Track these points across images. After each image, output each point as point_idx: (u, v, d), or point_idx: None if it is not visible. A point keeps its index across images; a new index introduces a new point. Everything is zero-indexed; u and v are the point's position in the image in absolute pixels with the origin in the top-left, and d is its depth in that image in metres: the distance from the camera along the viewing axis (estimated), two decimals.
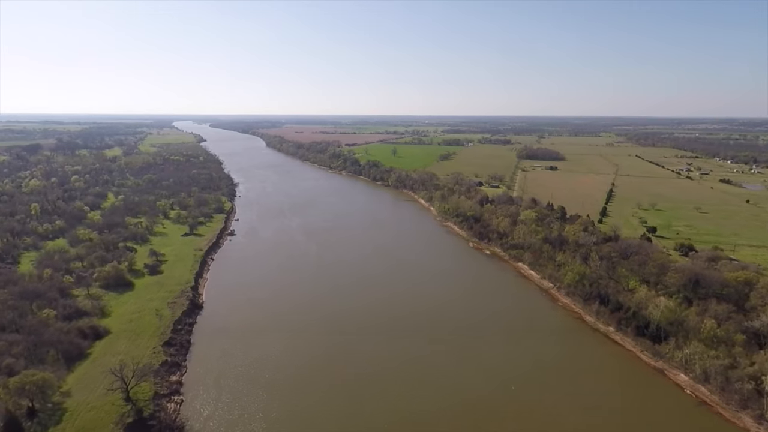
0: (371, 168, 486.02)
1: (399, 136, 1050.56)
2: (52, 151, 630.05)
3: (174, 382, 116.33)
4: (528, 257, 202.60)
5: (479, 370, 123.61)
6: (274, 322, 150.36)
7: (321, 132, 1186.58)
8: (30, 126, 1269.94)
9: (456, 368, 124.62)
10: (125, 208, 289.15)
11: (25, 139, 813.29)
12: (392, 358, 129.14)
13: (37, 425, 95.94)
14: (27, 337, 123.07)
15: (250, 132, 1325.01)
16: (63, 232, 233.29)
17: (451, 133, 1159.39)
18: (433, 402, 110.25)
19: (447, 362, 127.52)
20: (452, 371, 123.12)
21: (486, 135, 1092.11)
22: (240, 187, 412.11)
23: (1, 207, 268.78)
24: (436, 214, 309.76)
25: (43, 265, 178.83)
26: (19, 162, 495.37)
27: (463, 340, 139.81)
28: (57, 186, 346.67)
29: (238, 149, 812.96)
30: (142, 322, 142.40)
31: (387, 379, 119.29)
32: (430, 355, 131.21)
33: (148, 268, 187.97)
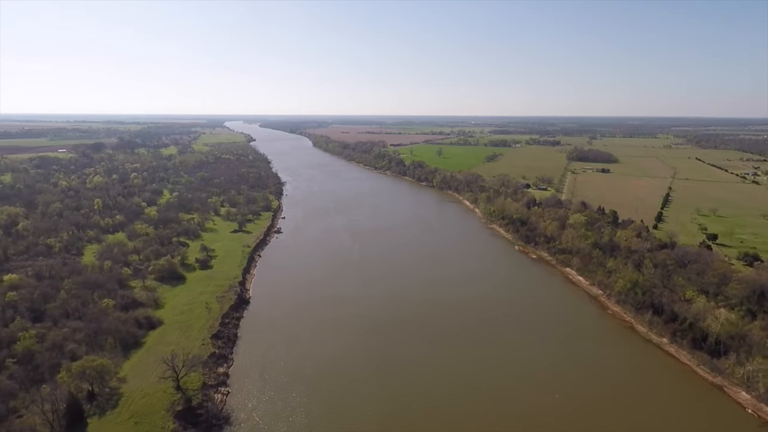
0: (416, 168, 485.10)
1: (444, 137, 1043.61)
2: (114, 149, 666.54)
3: (221, 374, 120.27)
4: (576, 262, 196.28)
5: (523, 376, 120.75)
6: (317, 320, 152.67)
7: (366, 132, 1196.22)
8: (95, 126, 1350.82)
9: (499, 373, 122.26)
10: (179, 204, 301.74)
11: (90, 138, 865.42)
12: (435, 360, 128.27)
13: (95, 408, 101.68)
14: (88, 324, 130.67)
15: (298, 132, 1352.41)
16: (122, 227, 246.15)
17: (497, 134, 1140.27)
18: (474, 406, 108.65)
19: (490, 366, 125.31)
20: (495, 375, 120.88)
21: (534, 136, 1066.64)
22: (287, 185, 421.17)
23: (68, 202, 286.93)
24: (480, 216, 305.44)
25: (104, 257, 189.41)
26: (84, 159, 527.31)
27: (507, 345, 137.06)
28: (118, 182, 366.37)
29: (286, 149, 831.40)
30: (192, 315, 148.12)
31: (429, 381, 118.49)
32: (473, 358, 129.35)
33: (199, 263, 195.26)
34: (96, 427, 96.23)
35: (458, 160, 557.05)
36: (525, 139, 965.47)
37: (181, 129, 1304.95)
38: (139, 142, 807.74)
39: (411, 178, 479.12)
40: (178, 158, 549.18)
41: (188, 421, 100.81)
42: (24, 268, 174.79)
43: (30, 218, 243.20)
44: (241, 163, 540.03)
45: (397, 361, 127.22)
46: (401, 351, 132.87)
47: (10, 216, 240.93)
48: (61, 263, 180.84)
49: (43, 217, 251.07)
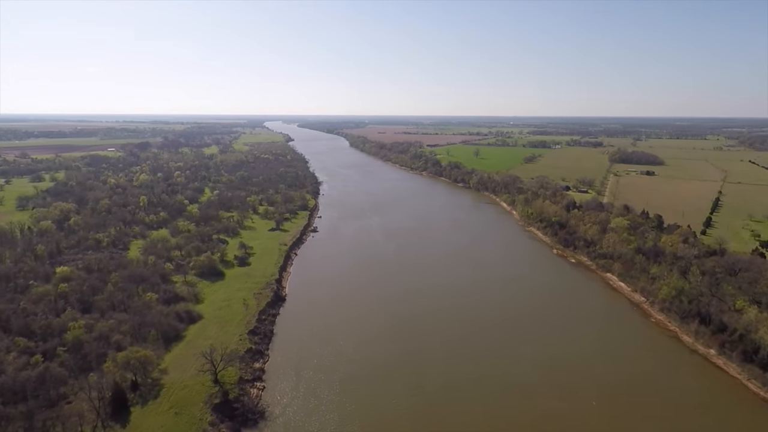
0: (452, 169, 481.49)
1: (482, 138, 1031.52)
2: (159, 148, 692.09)
3: (257, 369, 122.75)
4: (618, 268, 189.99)
5: (558, 382, 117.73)
6: (351, 319, 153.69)
7: (403, 132, 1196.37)
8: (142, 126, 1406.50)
9: (536, 379, 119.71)
10: (219, 202, 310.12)
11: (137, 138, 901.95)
12: (470, 362, 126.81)
13: (138, 397, 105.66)
14: (133, 317, 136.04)
15: (335, 132, 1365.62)
16: (165, 223, 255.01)
17: (536, 135, 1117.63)
18: (507, 409, 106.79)
19: (524, 369, 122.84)
20: (529, 378, 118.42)
21: (575, 137, 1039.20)
22: (324, 185, 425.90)
23: (116, 198, 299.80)
24: (518, 219, 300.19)
25: (148, 252, 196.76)
26: (131, 158, 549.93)
27: (543, 350, 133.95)
28: (162, 180, 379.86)
29: (323, 149, 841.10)
30: (230, 310, 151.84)
31: (463, 383, 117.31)
32: (508, 361, 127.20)
33: (237, 260, 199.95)
34: (139, 416, 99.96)
35: (496, 161, 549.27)
36: (565, 140, 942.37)
37: (222, 129, 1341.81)
38: (183, 141, 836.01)
39: (447, 179, 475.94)
40: (219, 157, 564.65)
41: (225, 414, 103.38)
42: (75, 261, 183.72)
43: (81, 214, 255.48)
44: (279, 162, 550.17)
45: (430, 362, 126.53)
46: (435, 352, 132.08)
47: (63, 211, 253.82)
48: (108, 257, 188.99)
49: (93, 212, 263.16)
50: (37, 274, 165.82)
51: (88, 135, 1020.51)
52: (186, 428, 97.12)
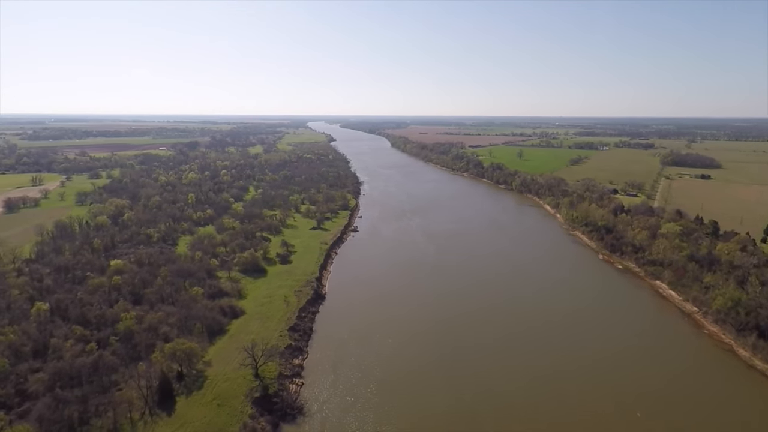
0: (494, 170, 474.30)
1: (526, 139, 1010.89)
2: (207, 147, 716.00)
3: (296, 366, 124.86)
4: (668, 276, 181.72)
5: (601, 390, 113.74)
6: (389, 319, 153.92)
7: (445, 133, 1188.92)
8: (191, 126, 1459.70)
9: (577, 386, 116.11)
10: (263, 201, 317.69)
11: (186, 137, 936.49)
12: (508, 366, 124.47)
13: (183, 387, 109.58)
14: (180, 310, 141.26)
15: (377, 132, 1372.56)
16: (212, 220, 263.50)
17: (583, 136, 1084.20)
18: (547, 416, 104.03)
19: (565, 376, 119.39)
20: (572, 388, 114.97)
21: (624, 138, 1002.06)
22: (364, 185, 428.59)
23: (166, 195, 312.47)
24: (562, 222, 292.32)
25: (195, 248, 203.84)
26: (181, 157, 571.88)
27: (588, 358, 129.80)
28: (209, 179, 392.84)
29: (365, 149, 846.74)
30: (271, 307, 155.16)
31: (501, 387, 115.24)
32: (549, 370, 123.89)
33: (279, 257, 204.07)
34: (183, 406, 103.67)
35: (540, 163, 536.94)
36: (614, 141, 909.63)
37: (267, 129, 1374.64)
38: (229, 141, 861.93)
39: (489, 180, 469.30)
40: (263, 157, 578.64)
41: (265, 408, 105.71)
42: (127, 254, 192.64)
43: (134, 210, 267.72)
44: (321, 162, 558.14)
45: (468, 364, 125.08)
46: (473, 354, 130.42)
47: (118, 207, 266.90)
48: (158, 252, 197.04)
49: (145, 209, 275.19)
50: (93, 267, 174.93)
51: (141, 134, 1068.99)
52: (227, 420, 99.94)
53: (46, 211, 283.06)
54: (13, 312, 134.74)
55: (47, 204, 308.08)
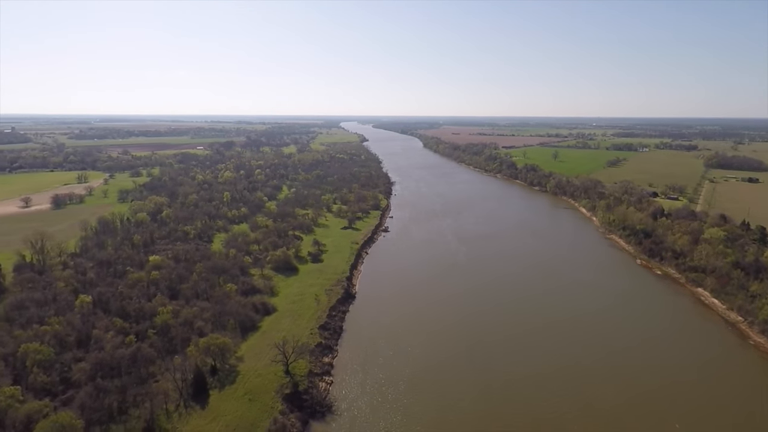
0: (528, 172, 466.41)
1: (561, 139, 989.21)
2: (242, 147, 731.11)
3: (326, 364, 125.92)
4: (711, 283, 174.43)
5: (637, 401, 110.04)
6: (419, 320, 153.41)
7: (478, 133, 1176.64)
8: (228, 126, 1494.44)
9: (612, 395, 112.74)
10: (296, 200, 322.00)
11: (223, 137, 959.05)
12: (538, 374, 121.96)
13: (216, 381, 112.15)
14: (214, 305, 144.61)
15: (409, 132, 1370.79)
16: (246, 218, 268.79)
17: (622, 137, 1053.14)
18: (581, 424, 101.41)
19: (600, 391, 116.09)
20: (606, 396, 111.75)
21: (665, 139, 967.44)
22: (396, 186, 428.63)
23: (202, 194, 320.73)
24: (598, 225, 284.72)
25: (230, 245, 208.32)
26: (217, 156, 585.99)
27: (624, 366, 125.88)
28: (244, 178, 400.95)
29: (397, 149, 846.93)
30: (303, 305, 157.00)
31: (531, 396, 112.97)
32: (581, 380, 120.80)
33: (311, 256, 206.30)
34: (216, 399, 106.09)
35: (575, 165, 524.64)
36: (654, 142, 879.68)
37: (300, 129, 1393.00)
38: (264, 141, 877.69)
39: (522, 181, 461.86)
40: (296, 156, 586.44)
41: (294, 404, 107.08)
42: (165, 250, 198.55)
43: (172, 207, 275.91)
44: (353, 162, 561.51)
45: (497, 367, 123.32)
46: (501, 360, 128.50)
47: (157, 204, 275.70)
48: (194, 248, 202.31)
49: (182, 206, 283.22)
50: (133, 261, 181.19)
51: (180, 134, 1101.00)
52: (258, 415, 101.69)
53: (90, 207, 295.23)
54: (58, 303, 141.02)
55: (91, 201, 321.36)
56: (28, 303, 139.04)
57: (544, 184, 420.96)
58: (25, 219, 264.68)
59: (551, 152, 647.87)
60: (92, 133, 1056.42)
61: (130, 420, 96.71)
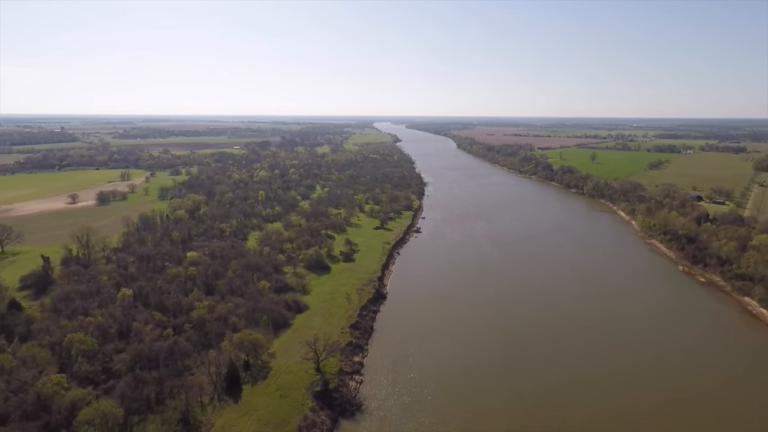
0: (564, 174, 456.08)
1: (599, 141, 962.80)
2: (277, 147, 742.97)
3: (356, 363, 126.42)
4: (760, 292, 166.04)
5: (678, 415, 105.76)
6: (450, 322, 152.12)
7: (513, 134, 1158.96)
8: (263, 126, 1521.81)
9: (651, 407, 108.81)
10: (329, 199, 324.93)
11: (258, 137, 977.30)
12: (571, 383, 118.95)
13: (249, 376, 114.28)
14: (248, 302, 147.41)
15: (442, 133, 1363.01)
16: (279, 217, 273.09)
17: (664, 138, 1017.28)
18: None
19: (639, 407, 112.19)
20: (647, 409, 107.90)
21: (711, 141, 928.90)
22: (429, 186, 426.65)
23: (238, 192, 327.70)
24: (638, 230, 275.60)
25: (264, 243, 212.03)
26: (253, 155, 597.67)
27: (665, 376, 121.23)
28: (278, 177, 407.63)
29: (429, 150, 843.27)
30: (334, 303, 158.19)
31: (563, 404, 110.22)
32: (620, 391, 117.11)
33: (342, 255, 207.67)
34: (249, 394, 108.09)
35: (614, 167, 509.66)
36: (699, 144, 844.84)
37: (334, 129, 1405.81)
38: (299, 141, 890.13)
39: (558, 183, 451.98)
40: (330, 156, 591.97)
41: (324, 402, 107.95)
42: (202, 247, 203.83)
43: (209, 205, 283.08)
44: (386, 162, 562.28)
45: (528, 375, 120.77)
46: (533, 365, 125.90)
47: (195, 202, 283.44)
48: (230, 246, 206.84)
49: (219, 204, 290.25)
50: (172, 257, 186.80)
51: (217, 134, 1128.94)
52: (289, 411, 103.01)
53: (132, 204, 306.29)
54: (102, 296, 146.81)
55: (133, 198, 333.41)
56: (73, 295, 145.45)
57: (581, 186, 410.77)
58: (72, 215, 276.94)
59: (589, 154, 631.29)
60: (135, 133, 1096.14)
61: (167, 411, 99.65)
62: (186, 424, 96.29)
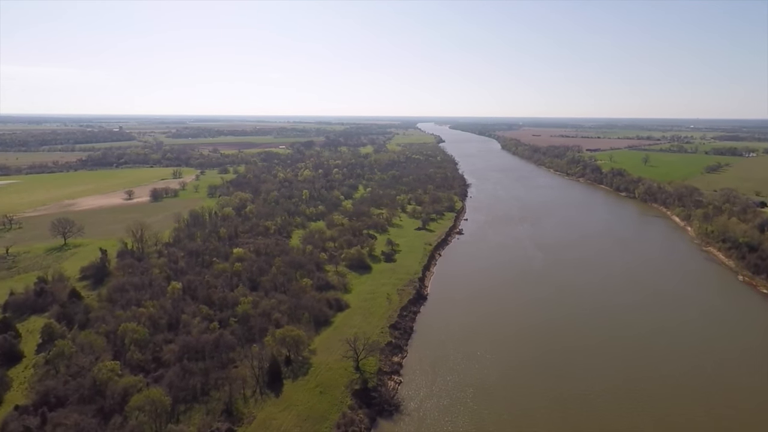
0: (614, 176, 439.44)
1: (653, 143, 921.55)
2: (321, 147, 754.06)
3: (395, 363, 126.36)
4: None
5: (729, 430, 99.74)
6: (491, 325, 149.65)
7: (560, 135, 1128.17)
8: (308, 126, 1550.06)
9: (701, 419, 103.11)
10: (371, 199, 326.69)
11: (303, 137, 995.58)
12: (615, 395, 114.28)
13: (290, 372, 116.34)
14: (290, 299, 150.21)
15: (486, 134, 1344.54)
16: (323, 216, 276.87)
17: (724, 140, 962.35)
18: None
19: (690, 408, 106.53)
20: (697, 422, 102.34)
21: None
22: (472, 188, 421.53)
23: (283, 191, 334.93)
24: (693, 236, 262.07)
25: (307, 241, 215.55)
26: (298, 155, 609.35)
27: (716, 388, 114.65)
28: (322, 176, 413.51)
29: (473, 151, 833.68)
30: (374, 303, 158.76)
31: (606, 416, 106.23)
32: (666, 396, 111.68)
33: (384, 255, 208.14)
34: (290, 389, 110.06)
35: (668, 170, 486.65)
36: (763, 146, 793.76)
37: (377, 130, 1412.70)
38: (342, 141, 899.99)
39: (608, 187, 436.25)
40: (373, 157, 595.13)
41: (363, 400, 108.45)
42: (248, 244, 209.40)
43: (255, 203, 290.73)
44: (429, 163, 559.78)
45: (571, 381, 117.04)
46: (577, 371, 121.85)
47: (242, 200, 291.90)
48: (274, 243, 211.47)
49: (264, 202, 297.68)
50: (219, 253, 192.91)
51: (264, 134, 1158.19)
52: (328, 407, 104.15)
53: (183, 201, 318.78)
54: (153, 288, 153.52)
55: (184, 195, 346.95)
56: (128, 286, 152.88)
57: (631, 189, 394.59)
58: (128, 210, 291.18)
59: (641, 156, 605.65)
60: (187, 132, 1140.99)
61: (211, 401, 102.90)
62: (229, 415, 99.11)
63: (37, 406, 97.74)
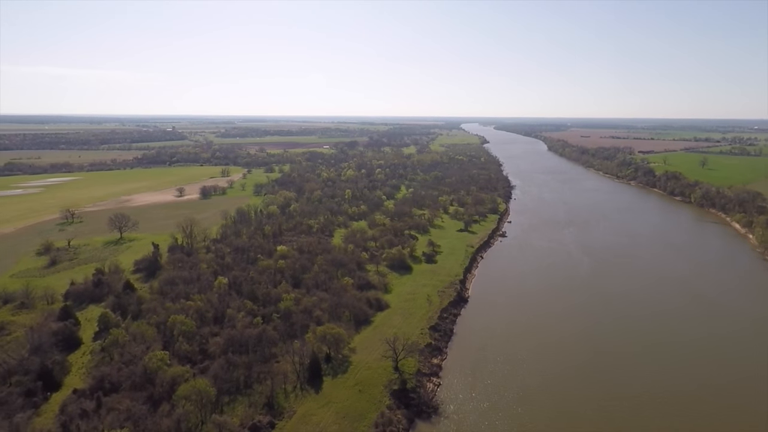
0: (669, 180, 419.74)
1: (712, 145, 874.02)
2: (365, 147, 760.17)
3: (435, 365, 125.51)
4: None
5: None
6: (533, 330, 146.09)
7: (610, 137, 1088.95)
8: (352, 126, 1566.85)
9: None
10: (413, 200, 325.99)
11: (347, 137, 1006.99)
12: (667, 398, 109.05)
13: (330, 369, 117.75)
14: (332, 297, 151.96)
15: (533, 135, 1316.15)
16: (364, 216, 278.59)
17: None
18: None
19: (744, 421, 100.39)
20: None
21: None
22: (516, 190, 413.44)
23: (326, 190, 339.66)
24: (756, 244, 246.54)
25: (348, 240, 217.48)
26: (341, 155, 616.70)
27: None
28: (365, 176, 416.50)
29: (518, 152, 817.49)
30: (414, 304, 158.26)
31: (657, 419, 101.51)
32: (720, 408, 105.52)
33: (425, 257, 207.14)
34: (329, 386, 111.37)
35: (729, 173, 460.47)
36: None
37: (421, 130, 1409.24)
38: (385, 141, 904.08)
39: (661, 190, 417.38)
40: (416, 157, 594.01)
41: (401, 401, 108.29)
42: (291, 242, 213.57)
43: (299, 202, 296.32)
44: (472, 164, 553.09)
45: (616, 389, 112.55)
46: (623, 378, 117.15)
47: (286, 199, 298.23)
48: (316, 242, 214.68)
49: (308, 201, 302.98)
50: (263, 250, 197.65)
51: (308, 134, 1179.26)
52: (367, 406, 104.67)
53: (230, 199, 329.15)
54: (201, 283, 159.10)
55: (232, 193, 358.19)
56: (177, 280, 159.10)
57: (687, 194, 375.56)
58: (179, 206, 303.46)
59: (699, 158, 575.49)
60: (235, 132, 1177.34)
61: (254, 394, 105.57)
62: (270, 409, 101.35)
63: (93, 390, 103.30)
